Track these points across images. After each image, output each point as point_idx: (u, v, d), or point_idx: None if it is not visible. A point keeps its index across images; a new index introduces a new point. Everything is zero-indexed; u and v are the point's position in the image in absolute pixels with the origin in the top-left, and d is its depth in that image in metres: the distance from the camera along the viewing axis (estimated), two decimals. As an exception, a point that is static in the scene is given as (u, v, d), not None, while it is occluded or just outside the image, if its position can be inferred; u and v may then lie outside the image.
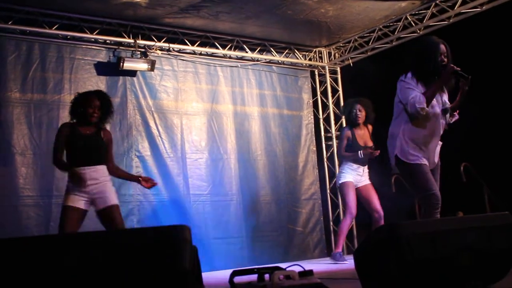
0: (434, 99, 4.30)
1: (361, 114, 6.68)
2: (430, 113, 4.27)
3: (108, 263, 2.10)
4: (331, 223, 8.64)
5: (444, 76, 4.25)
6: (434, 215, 4.19)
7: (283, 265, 2.73)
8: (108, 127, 5.23)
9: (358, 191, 6.63)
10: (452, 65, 4.24)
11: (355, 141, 6.63)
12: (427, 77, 4.30)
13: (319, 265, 6.59)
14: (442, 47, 4.31)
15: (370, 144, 6.63)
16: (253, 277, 2.63)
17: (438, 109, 4.33)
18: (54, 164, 4.89)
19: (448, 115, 4.43)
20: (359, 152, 6.52)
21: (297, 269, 2.61)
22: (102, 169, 4.87)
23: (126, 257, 2.12)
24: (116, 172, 5.09)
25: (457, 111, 4.50)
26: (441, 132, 4.41)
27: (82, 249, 2.10)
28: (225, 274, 5.73)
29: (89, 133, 4.86)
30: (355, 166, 6.61)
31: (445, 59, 4.28)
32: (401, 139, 4.33)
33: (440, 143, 4.47)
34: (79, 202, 4.71)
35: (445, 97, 4.46)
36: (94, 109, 4.83)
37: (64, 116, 6.55)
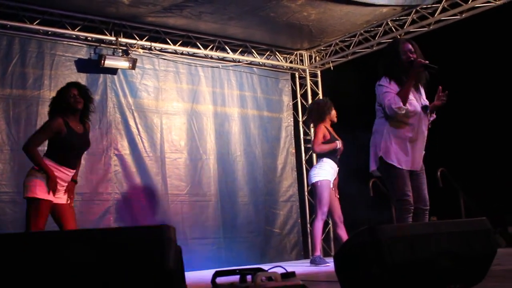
0: (414, 99, 4.37)
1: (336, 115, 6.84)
2: (412, 112, 4.33)
3: (93, 260, 2.10)
4: (308, 225, 8.68)
5: (413, 72, 4.31)
6: (407, 219, 4.26)
7: (261, 266, 2.74)
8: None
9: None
10: (419, 59, 4.31)
11: (332, 135, 6.67)
12: (399, 76, 4.37)
13: (298, 267, 6.61)
14: (407, 45, 4.40)
15: (341, 141, 6.71)
16: (235, 278, 2.64)
17: (418, 108, 4.38)
18: (27, 152, 4.59)
19: (428, 113, 4.48)
20: (337, 142, 6.58)
21: (279, 270, 2.63)
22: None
23: (111, 255, 2.12)
24: (78, 166, 4.98)
25: (435, 112, 4.56)
26: (425, 130, 4.45)
27: (68, 246, 2.10)
28: (203, 274, 5.77)
29: (81, 132, 4.78)
30: (334, 165, 6.63)
31: (412, 56, 4.34)
32: (386, 139, 4.38)
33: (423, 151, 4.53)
34: (61, 199, 4.68)
35: (424, 97, 4.52)
36: (74, 97, 4.71)
37: (43, 112, 6.53)
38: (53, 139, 4.68)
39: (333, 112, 6.85)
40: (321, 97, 8.94)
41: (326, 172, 6.60)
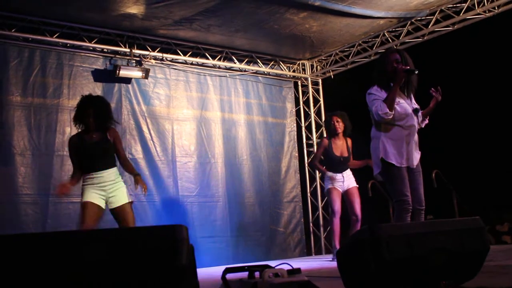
0: (404, 102, 4.37)
1: (339, 125, 6.71)
2: (403, 114, 4.32)
3: (111, 258, 2.11)
4: (311, 225, 8.69)
5: (398, 78, 4.30)
6: (405, 219, 4.24)
7: (267, 263, 2.74)
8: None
9: (344, 194, 6.66)
10: (400, 66, 4.30)
11: (331, 150, 6.64)
12: (387, 84, 4.38)
13: (301, 264, 6.61)
14: (395, 55, 4.40)
15: (346, 155, 6.66)
16: (244, 274, 2.65)
17: (409, 110, 4.38)
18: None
19: (420, 116, 4.47)
20: (327, 173, 6.61)
21: (285, 267, 2.63)
22: (115, 172, 4.89)
23: (128, 253, 2.12)
24: (125, 166, 5.03)
25: (428, 117, 4.56)
26: (416, 130, 4.44)
27: (88, 245, 2.11)
28: (212, 270, 5.77)
29: (95, 139, 4.83)
30: (333, 175, 6.62)
31: (397, 65, 4.34)
32: (384, 142, 4.37)
33: (419, 152, 4.52)
34: (98, 199, 4.74)
35: (414, 101, 4.52)
36: (88, 118, 4.81)
37: (63, 119, 6.59)
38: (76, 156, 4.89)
39: (334, 125, 6.73)
40: (322, 104, 8.96)
41: (328, 182, 6.66)
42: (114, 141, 4.94)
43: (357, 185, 6.70)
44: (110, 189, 4.78)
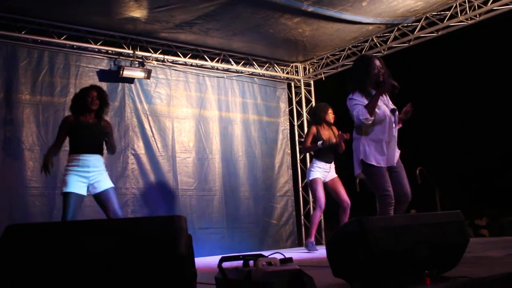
0: (383, 103, 4.38)
1: (333, 116, 6.80)
2: (382, 116, 4.34)
3: (112, 247, 2.09)
4: (302, 217, 8.68)
5: (383, 90, 4.34)
6: (389, 212, 4.26)
7: (261, 253, 2.73)
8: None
9: (326, 185, 6.66)
10: (391, 81, 4.34)
11: (320, 137, 6.67)
12: (367, 89, 4.39)
13: (293, 253, 6.61)
14: (376, 61, 4.42)
15: (334, 141, 6.67)
16: (239, 263, 2.64)
17: (387, 111, 4.39)
18: (48, 149, 4.93)
19: (397, 116, 4.47)
20: (318, 142, 6.59)
21: (278, 256, 2.62)
22: (101, 159, 4.85)
23: (129, 243, 2.11)
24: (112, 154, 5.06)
25: (402, 122, 4.59)
26: (395, 130, 4.45)
27: (90, 235, 2.09)
28: (209, 260, 5.76)
29: (91, 122, 4.81)
30: (322, 164, 6.64)
31: (381, 71, 4.37)
32: (364, 143, 4.39)
33: (399, 151, 4.52)
34: (81, 189, 4.68)
35: (390, 102, 4.52)
36: (92, 98, 4.80)
37: (69, 117, 6.54)
38: (69, 134, 4.85)
39: (328, 115, 6.81)
40: (313, 104, 8.95)
41: (314, 171, 6.66)
42: (108, 131, 4.92)
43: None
44: (92, 176, 4.71)
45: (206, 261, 5.63)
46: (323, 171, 6.65)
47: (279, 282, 2.28)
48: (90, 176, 4.72)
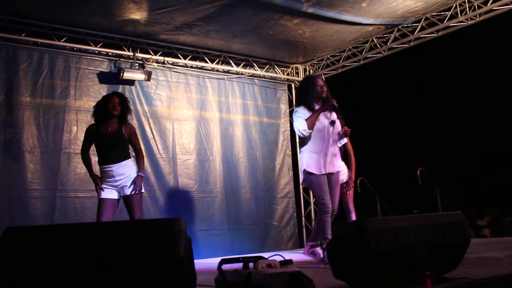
0: (323, 115, 4.85)
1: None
2: (321, 128, 4.82)
3: (113, 249, 2.09)
4: (303, 219, 8.67)
5: (325, 107, 4.85)
6: (325, 219, 4.74)
7: (261, 255, 2.72)
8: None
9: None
10: (333, 101, 4.81)
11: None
12: (311, 104, 4.87)
13: (294, 255, 6.59)
14: (319, 80, 5.00)
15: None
16: (239, 265, 2.63)
17: (326, 123, 4.85)
18: (82, 160, 5.11)
19: (336, 127, 4.91)
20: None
21: (278, 258, 2.61)
22: (127, 164, 4.91)
23: (129, 244, 2.11)
24: (137, 162, 5.10)
25: (347, 138, 5.13)
26: (335, 141, 4.93)
27: (92, 237, 2.09)
28: (210, 261, 5.74)
29: (111, 131, 4.89)
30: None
31: (324, 89, 4.91)
32: (307, 155, 4.87)
33: (343, 164, 5.23)
34: (112, 194, 4.87)
35: (333, 114, 4.97)
36: (114, 104, 4.93)
37: (69, 119, 6.57)
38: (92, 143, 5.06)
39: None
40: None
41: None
42: (130, 136, 5.03)
43: None
44: (119, 183, 4.88)
45: (206, 263, 5.62)
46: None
47: (279, 284, 2.27)
48: (117, 184, 4.91)
